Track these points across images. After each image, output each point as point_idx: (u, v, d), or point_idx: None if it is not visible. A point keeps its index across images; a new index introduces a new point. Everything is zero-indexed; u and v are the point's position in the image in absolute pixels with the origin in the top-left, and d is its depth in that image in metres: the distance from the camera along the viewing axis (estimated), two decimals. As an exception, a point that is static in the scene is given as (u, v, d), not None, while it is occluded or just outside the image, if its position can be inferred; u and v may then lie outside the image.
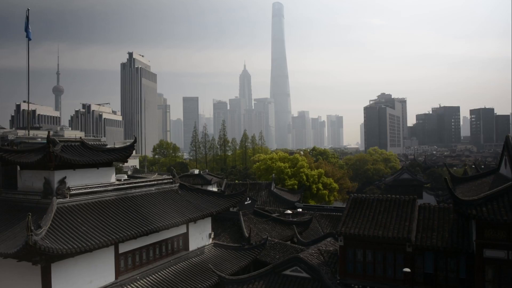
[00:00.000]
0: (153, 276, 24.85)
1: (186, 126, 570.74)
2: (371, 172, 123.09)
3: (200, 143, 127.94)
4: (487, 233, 20.33)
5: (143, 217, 24.70)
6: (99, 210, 23.48)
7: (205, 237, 31.34)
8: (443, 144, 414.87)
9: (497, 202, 20.12)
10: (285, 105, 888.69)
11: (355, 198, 26.64)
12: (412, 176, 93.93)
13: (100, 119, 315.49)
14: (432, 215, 24.26)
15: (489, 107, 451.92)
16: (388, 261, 22.95)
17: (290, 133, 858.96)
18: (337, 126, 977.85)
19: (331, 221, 45.16)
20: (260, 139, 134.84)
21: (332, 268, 24.85)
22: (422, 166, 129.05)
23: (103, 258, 21.98)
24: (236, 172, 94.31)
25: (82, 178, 24.50)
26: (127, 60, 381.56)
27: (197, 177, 58.95)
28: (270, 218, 40.88)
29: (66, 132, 32.97)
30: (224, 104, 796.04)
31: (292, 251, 31.56)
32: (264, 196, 55.15)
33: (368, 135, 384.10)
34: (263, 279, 24.41)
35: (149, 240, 25.24)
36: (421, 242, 22.22)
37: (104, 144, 29.52)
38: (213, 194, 33.38)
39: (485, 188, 24.58)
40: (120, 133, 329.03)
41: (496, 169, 29.20)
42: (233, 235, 35.64)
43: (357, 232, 23.27)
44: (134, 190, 27.46)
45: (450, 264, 21.97)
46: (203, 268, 27.73)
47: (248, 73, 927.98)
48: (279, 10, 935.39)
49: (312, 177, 73.44)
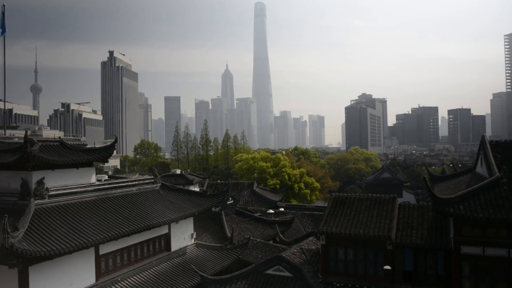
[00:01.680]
0: (135, 278, 24.62)
1: (168, 125, 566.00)
2: (352, 172, 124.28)
3: (182, 143, 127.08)
4: (464, 230, 20.80)
5: (124, 218, 24.44)
6: (79, 211, 23.12)
7: (187, 237, 31.18)
8: (422, 143, 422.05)
9: (474, 200, 20.58)
10: (267, 105, 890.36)
11: (336, 197, 26.88)
12: (392, 175, 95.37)
13: (80, 119, 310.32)
14: (411, 214, 24.66)
15: (466, 107, 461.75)
16: (369, 259, 23.23)
17: (272, 133, 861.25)
18: (319, 126, 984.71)
19: (313, 220, 45.45)
20: (242, 139, 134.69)
21: (314, 267, 25.02)
22: (402, 165, 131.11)
23: (83, 260, 21.67)
24: (218, 172, 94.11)
25: (61, 179, 24.08)
26: (108, 58, 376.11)
27: (179, 177, 58.58)
28: (252, 217, 40.94)
29: (45, 132, 32.27)
30: (206, 103, 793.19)
31: (275, 251, 31.66)
32: (246, 195, 55.17)
33: (349, 135, 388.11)
34: (245, 279, 24.43)
35: (131, 241, 24.98)
36: (401, 240, 22.57)
37: (84, 144, 29.07)
38: (195, 194, 33.23)
39: (462, 186, 25.10)
40: (100, 132, 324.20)
41: (472, 168, 29.84)
42: (215, 235, 35.56)
43: (339, 230, 23.49)
44: (115, 190, 27.13)
45: (429, 261, 22.38)
46: (186, 269, 27.60)
47: (230, 72, 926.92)
48: (261, 10, 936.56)
49: (294, 177, 73.75)
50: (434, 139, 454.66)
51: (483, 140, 26.05)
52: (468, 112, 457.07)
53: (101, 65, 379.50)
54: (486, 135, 27.39)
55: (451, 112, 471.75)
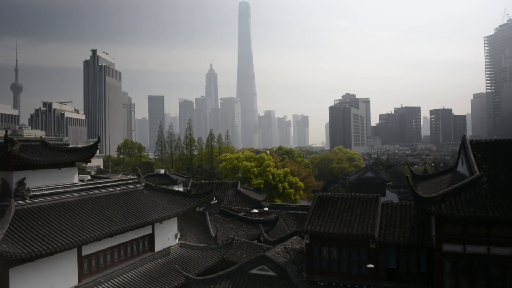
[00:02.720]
0: (118, 279, 24.39)
1: (152, 125, 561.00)
2: (336, 171, 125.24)
3: (166, 143, 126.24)
4: (446, 228, 21.14)
5: (107, 218, 24.21)
6: (61, 211, 22.81)
7: (171, 238, 31.02)
8: (404, 143, 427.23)
9: (455, 198, 20.93)
10: (251, 105, 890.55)
11: (320, 196, 27.06)
12: (375, 175, 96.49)
13: (62, 118, 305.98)
14: (394, 212, 24.97)
15: (447, 107, 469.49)
16: (352, 257, 23.44)
17: (256, 133, 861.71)
18: (303, 125, 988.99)
19: (297, 219, 45.63)
20: (226, 139, 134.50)
21: (299, 266, 25.13)
22: (385, 165, 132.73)
23: (65, 261, 21.37)
24: (202, 172, 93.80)
25: (42, 179, 23.73)
26: (91, 57, 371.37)
27: (163, 177, 58.33)
28: (236, 217, 40.92)
29: (26, 131, 31.62)
30: (190, 103, 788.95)
31: (259, 250, 31.69)
32: (231, 195, 55.10)
33: (333, 135, 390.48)
34: (230, 279, 24.42)
35: (114, 242, 24.74)
36: (384, 239, 22.83)
37: (66, 143, 28.66)
38: (179, 194, 33.09)
39: (443, 185, 25.51)
40: (83, 132, 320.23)
41: (454, 167, 30.38)
42: (199, 235, 35.44)
43: (323, 230, 23.64)
44: (98, 190, 26.85)
45: (411, 259, 22.69)
46: (170, 269, 27.45)
47: (215, 72, 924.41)
48: (246, 9, 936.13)
49: (278, 176, 73.97)
50: (417, 139, 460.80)
51: (464, 139, 26.54)
52: (450, 112, 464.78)
53: (83, 64, 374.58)
54: (466, 135, 27.91)
55: (433, 112, 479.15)
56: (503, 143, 26.10)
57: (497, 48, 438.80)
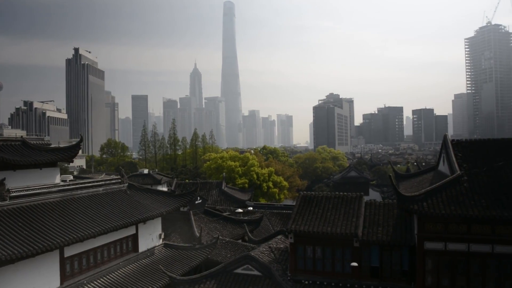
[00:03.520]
0: (101, 280, 24.11)
1: (135, 124, 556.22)
2: (320, 170, 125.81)
3: (150, 142, 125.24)
4: (427, 226, 21.47)
5: (90, 219, 23.91)
6: (42, 212, 22.45)
7: (155, 238, 30.81)
8: (387, 142, 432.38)
9: (436, 197, 21.27)
10: (235, 104, 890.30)
11: (304, 196, 27.20)
12: (359, 174, 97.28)
13: (44, 117, 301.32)
14: (377, 211, 25.24)
15: (429, 107, 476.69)
16: (336, 256, 23.63)
17: (241, 132, 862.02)
18: (287, 125, 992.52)
19: (281, 219, 45.75)
20: (210, 138, 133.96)
21: (283, 265, 25.22)
22: (368, 164, 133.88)
23: (47, 263, 21.02)
24: (187, 172, 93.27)
25: (23, 179, 23.35)
26: (73, 56, 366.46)
27: (147, 177, 57.86)
28: (221, 217, 40.84)
29: (6, 131, 31.10)
30: (174, 102, 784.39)
31: (243, 250, 31.71)
32: (215, 195, 54.98)
33: (317, 134, 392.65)
34: (214, 279, 24.37)
35: (97, 243, 24.45)
36: (368, 237, 23.06)
37: (47, 143, 28.27)
38: (163, 194, 32.89)
39: (425, 184, 25.89)
40: (65, 132, 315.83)
41: (435, 166, 30.87)
42: (183, 235, 35.27)
43: (307, 229, 23.77)
44: (81, 191, 26.51)
45: (394, 257, 22.98)
46: (154, 270, 27.26)
47: (199, 71, 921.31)
48: (230, 9, 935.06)
49: (262, 176, 74.05)
50: (399, 138, 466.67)
51: (445, 139, 27.00)
52: (431, 112, 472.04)
53: (66, 63, 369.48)
54: (448, 134, 28.39)
55: (415, 112, 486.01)
56: (483, 142, 26.66)
57: (477, 50, 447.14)
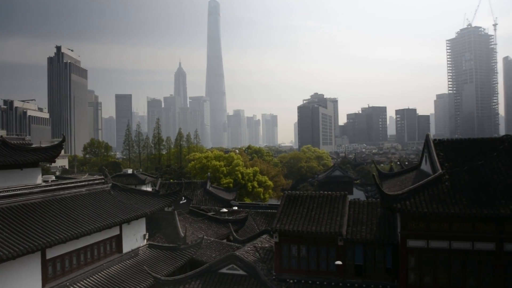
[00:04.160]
0: (84, 282, 23.82)
1: (119, 124, 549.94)
2: (304, 170, 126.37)
3: (134, 142, 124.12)
4: (410, 224, 21.78)
5: (73, 219, 23.59)
6: (23, 214, 22.06)
7: (140, 238, 30.56)
8: (371, 142, 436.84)
9: (419, 195, 21.59)
10: (220, 104, 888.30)
11: (289, 195, 27.31)
12: (343, 173, 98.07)
13: (25, 117, 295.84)
14: (361, 210, 25.50)
15: (412, 107, 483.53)
16: (321, 255, 23.79)
17: (226, 132, 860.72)
18: (272, 124, 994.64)
19: (266, 218, 45.85)
20: (195, 138, 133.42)
21: (268, 265, 25.29)
22: (352, 163, 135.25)
23: (28, 265, 20.64)
24: (171, 171, 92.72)
25: (3, 180, 22.93)
26: (55, 54, 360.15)
27: (131, 177, 57.40)
28: (205, 217, 40.74)
29: (-15, 131, 30.64)
30: (159, 102, 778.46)
31: (228, 249, 31.69)
32: (200, 195, 54.81)
33: (301, 134, 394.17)
34: (199, 279, 24.31)
35: (80, 244, 24.13)
36: (352, 236, 23.29)
37: (29, 143, 27.81)
38: (147, 194, 32.65)
39: (408, 183, 26.24)
40: (47, 131, 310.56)
41: (418, 165, 31.31)
42: (168, 235, 35.07)
43: (292, 228, 23.88)
44: (63, 191, 26.14)
45: (378, 255, 23.25)
46: (138, 270, 27.04)
47: (184, 71, 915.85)
48: (215, 8, 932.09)
49: (247, 175, 74.03)
50: (383, 138, 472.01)
51: (427, 139, 27.41)
52: (414, 112, 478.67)
53: (47, 61, 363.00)
54: (430, 134, 28.86)
55: (399, 112, 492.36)
56: (463, 142, 27.14)
57: (458, 51, 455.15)
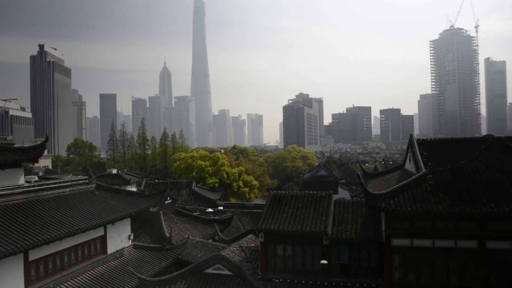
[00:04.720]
0: (68, 283, 23.52)
1: (104, 124, 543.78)
2: (290, 169, 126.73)
3: (119, 142, 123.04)
4: (395, 223, 22.04)
5: (56, 220, 23.28)
6: (5, 215, 21.68)
7: (124, 239, 30.32)
8: (356, 142, 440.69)
9: (403, 195, 21.85)
10: (206, 103, 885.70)
11: (274, 194, 27.39)
12: (328, 173, 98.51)
13: (6, 116, 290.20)
14: (346, 209, 25.71)
15: (396, 107, 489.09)
16: (306, 254, 23.92)
17: (211, 132, 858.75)
18: (257, 124, 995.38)
19: (252, 218, 45.86)
20: (180, 138, 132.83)
21: (254, 264, 25.32)
22: (338, 163, 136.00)
23: (10, 267, 20.28)
24: (156, 171, 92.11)
25: (-15, 181, 22.50)
26: (38, 52, 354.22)
27: (115, 177, 56.90)
28: (191, 217, 40.59)
29: (-35, 131, 29.83)
30: (144, 101, 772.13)
31: (214, 249, 31.61)
32: (185, 195, 54.58)
33: (287, 133, 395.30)
34: (185, 279, 24.22)
35: (64, 245, 23.83)
36: (337, 235, 23.46)
37: (11, 143, 27.34)
38: (132, 194, 32.41)
39: (392, 182, 26.53)
40: (30, 131, 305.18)
41: (402, 165, 31.69)
42: (153, 236, 34.85)
43: (277, 228, 23.95)
44: (46, 192, 25.77)
45: (363, 254, 23.46)
46: (123, 271, 26.81)
47: (169, 70, 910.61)
48: (201, 8, 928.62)
49: (232, 175, 73.96)
50: (368, 138, 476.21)
51: (411, 138, 27.77)
52: (398, 112, 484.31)
53: (30, 60, 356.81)
54: (414, 134, 29.21)
55: (383, 112, 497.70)
56: (446, 142, 27.59)
57: (441, 52, 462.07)
